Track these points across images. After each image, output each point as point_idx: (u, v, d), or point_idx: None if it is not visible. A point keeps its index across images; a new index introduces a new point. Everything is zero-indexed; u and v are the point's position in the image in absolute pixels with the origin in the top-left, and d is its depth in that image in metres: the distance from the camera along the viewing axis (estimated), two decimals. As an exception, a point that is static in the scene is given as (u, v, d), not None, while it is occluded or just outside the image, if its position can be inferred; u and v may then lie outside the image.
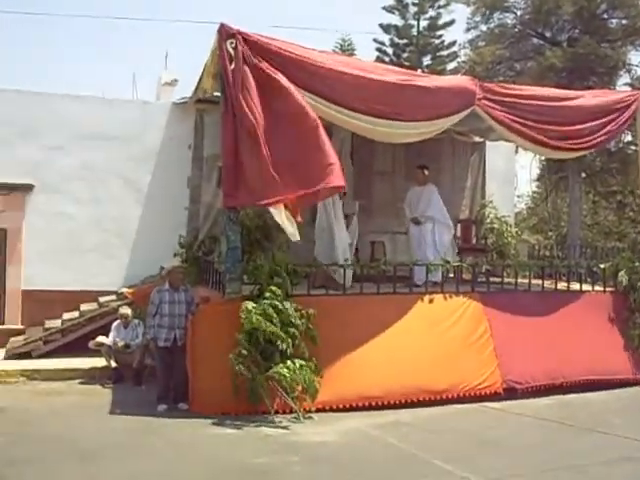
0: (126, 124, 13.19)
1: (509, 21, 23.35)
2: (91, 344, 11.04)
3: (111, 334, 11.03)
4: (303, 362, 8.58)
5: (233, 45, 8.70)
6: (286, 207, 8.72)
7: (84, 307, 12.56)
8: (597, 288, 11.38)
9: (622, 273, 11.23)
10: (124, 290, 12.41)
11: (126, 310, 11.18)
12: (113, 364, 10.81)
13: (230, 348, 8.38)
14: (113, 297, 12.66)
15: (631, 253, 11.92)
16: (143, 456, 7.09)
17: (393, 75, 9.95)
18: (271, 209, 8.78)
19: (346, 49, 31.69)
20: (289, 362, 8.46)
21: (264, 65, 8.82)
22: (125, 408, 8.98)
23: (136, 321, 11.09)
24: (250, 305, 8.53)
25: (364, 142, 11.64)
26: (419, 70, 25.18)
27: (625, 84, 22.57)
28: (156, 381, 9.41)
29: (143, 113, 13.45)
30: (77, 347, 11.60)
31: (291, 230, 8.82)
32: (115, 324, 11.17)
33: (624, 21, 21.99)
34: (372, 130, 9.81)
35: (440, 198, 11.73)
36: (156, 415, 8.64)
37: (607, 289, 11.36)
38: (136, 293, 11.99)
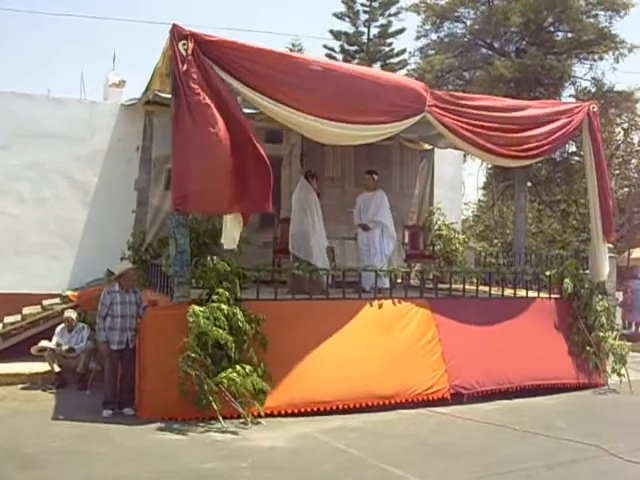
0: (73, 124, 12.87)
1: (459, 31, 23.73)
2: (33, 350, 10.72)
3: (55, 337, 10.77)
4: (252, 367, 8.52)
5: (185, 46, 8.58)
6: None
7: (27, 310, 12.25)
8: (542, 295, 11.56)
9: (567, 280, 11.43)
10: (68, 293, 12.15)
11: (70, 313, 10.93)
12: (57, 368, 10.55)
13: (178, 353, 8.24)
14: (57, 300, 12.39)
15: (575, 261, 12.14)
16: (87, 462, 6.93)
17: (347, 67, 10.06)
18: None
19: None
20: (238, 367, 8.39)
21: (216, 68, 8.76)
22: (69, 414, 8.77)
23: (81, 325, 10.87)
24: (198, 309, 8.42)
25: (314, 147, 11.63)
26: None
27: (570, 96, 23.12)
28: (102, 386, 9.22)
29: (91, 113, 13.13)
30: (19, 351, 11.29)
31: (234, 235, 8.80)
32: (59, 328, 10.90)
33: (569, 34, 22.53)
34: (322, 131, 9.67)
35: (388, 205, 11.77)
36: (101, 420, 8.46)
37: (552, 296, 11.55)
38: (81, 296, 11.74)
